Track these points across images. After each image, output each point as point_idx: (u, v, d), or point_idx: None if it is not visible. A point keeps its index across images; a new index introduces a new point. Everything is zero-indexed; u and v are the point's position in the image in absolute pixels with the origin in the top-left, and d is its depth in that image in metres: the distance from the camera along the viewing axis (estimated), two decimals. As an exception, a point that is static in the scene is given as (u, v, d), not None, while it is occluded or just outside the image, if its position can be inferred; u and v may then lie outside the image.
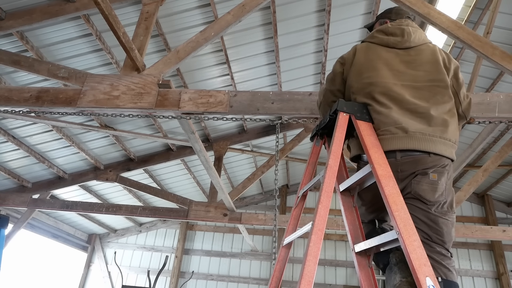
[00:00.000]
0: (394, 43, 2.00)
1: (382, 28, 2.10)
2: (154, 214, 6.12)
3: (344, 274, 8.44)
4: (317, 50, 5.15)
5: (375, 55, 1.97)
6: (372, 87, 1.85)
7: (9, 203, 6.02)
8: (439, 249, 1.60)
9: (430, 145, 1.70)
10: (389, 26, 2.08)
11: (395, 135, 1.72)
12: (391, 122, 1.74)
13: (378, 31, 2.09)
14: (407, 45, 1.99)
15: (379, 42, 2.03)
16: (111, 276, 8.92)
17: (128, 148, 6.10)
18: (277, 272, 1.80)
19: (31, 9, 3.64)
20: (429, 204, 1.64)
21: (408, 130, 1.71)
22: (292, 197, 9.44)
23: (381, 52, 1.98)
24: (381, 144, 1.72)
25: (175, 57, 3.08)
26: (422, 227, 1.62)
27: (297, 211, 1.98)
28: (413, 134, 1.71)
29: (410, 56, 1.96)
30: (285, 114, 2.72)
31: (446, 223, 1.65)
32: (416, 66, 1.92)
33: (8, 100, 3.02)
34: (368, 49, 2.02)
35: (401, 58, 1.96)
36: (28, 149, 5.40)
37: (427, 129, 1.73)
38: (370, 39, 2.08)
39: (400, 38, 2.00)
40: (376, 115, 1.79)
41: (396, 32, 2.03)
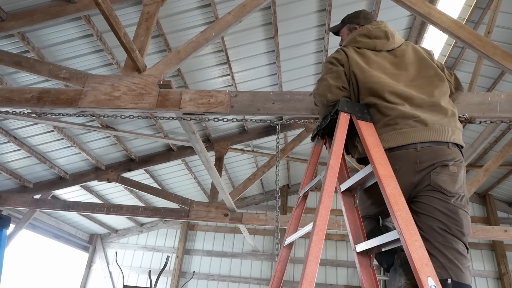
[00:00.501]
0: (381, 46, 2.03)
1: (364, 32, 2.09)
2: (155, 214, 6.12)
3: (345, 274, 8.44)
4: (318, 50, 5.15)
5: (368, 59, 1.98)
6: (380, 86, 1.84)
7: (10, 204, 6.03)
8: (456, 245, 1.55)
9: (449, 135, 1.72)
10: (371, 29, 2.08)
11: (415, 128, 1.72)
12: (409, 116, 1.75)
13: (361, 35, 2.08)
14: (392, 46, 2.04)
15: (365, 46, 2.03)
16: (112, 276, 8.93)
17: (129, 149, 6.10)
18: (278, 273, 1.80)
19: (32, 10, 3.64)
20: (449, 195, 1.62)
21: (428, 123, 1.72)
22: (293, 197, 9.43)
23: (371, 56, 2.00)
24: (401, 138, 1.71)
25: (175, 58, 3.08)
26: (441, 217, 1.59)
27: (298, 211, 1.99)
28: (433, 126, 1.72)
29: (396, 58, 2.01)
30: (286, 114, 2.72)
31: (465, 215, 1.62)
32: (405, 66, 1.96)
33: (9, 101, 3.02)
34: (357, 53, 2.01)
35: (389, 60, 1.99)
36: (29, 149, 5.41)
37: (443, 120, 1.76)
38: (355, 44, 2.07)
39: (386, 41, 2.03)
40: (390, 111, 1.78)
41: (380, 35, 2.05)
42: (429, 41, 5.12)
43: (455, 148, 1.73)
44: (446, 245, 1.54)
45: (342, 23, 2.37)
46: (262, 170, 6.06)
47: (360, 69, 1.93)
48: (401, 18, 4.89)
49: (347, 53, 2.01)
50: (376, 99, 1.84)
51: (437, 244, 1.54)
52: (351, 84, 1.95)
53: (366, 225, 1.88)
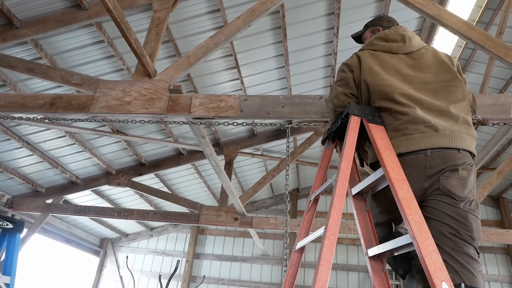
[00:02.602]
0: (397, 49, 2.01)
1: (381, 35, 2.09)
2: (165, 219, 6.15)
3: (356, 279, 8.35)
4: (327, 53, 5.15)
5: (382, 61, 1.97)
6: (390, 89, 1.83)
7: (23, 208, 6.12)
8: (466, 250, 1.53)
9: (459, 141, 1.70)
10: (388, 33, 2.08)
11: (425, 133, 1.70)
12: (420, 121, 1.73)
13: (378, 39, 2.08)
14: (409, 50, 2.01)
15: (381, 49, 2.03)
16: (123, 280, 8.97)
17: (140, 153, 6.15)
18: (290, 277, 1.79)
19: (45, 18, 3.71)
20: (458, 200, 1.60)
21: (438, 129, 1.70)
22: (303, 201, 9.39)
23: (386, 58, 1.98)
24: (411, 143, 1.70)
25: (185, 63, 3.10)
26: (450, 222, 1.57)
27: (309, 215, 1.97)
28: (443, 132, 1.70)
29: (414, 60, 1.98)
30: (295, 117, 2.71)
31: (475, 220, 1.60)
32: (422, 69, 1.93)
33: (23, 107, 3.08)
34: (372, 56, 2.01)
35: (406, 62, 1.97)
36: (42, 154, 5.49)
37: (453, 126, 1.73)
38: (371, 47, 2.07)
39: (402, 44, 2.02)
40: (401, 116, 1.76)
41: (396, 38, 2.04)
42: (439, 43, 5.08)
43: (465, 153, 1.70)
44: (457, 250, 1.52)
45: (365, 27, 2.38)
46: (272, 174, 6.05)
47: (372, 73, 1.92)
48: (410, 20, 4.86)
49: (361, 57, 2.02)
50: (387, 102, 1.82)
51: (448, 249, 1.52)
52: (360, 89, 1.95)
53: (378, 232, 1.86)
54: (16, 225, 4.49)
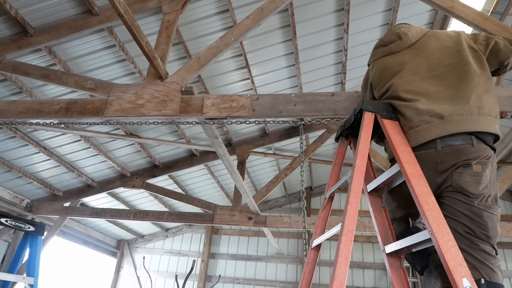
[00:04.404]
0: (396, 47, 2.03)
1: (378, 43, 2.16)
2: (180, 219, 6.20)
3: (372, 276, 8.29)
4: (337, 50, 5.11)
5: (386, 64, 2.02)
6: (394, 87, 1.86)
7: (42, 212, 6.25)
8: (483, 246, 1.50)
9: (470, 124, 1.62)
10: (384, 38, 2.14)
11: (431, 123, 1.67)
12: (424, 112, 1.70)
13: (376, 47, 2.16)
14: (408, 43, 2.02)
15: (382, 54, 2.09)
16: (140, 280, 9.08)
17: (153, 155, 6.22)
18: (307, 275, 1.79)
19: (58, 25, 3.77)
20: (472, 197, 1.56)
21: (444, 115, 1.66)
22: (316, 199, 9.35)
23: (389, 59, 2.03)
24: (418, 136, 1.67)
25: (196, 64, 3.12)
26: (464, 221, 1.54)
27: (325, 212, 1.97)
28: (450, 118, 1.65)
29: (417, 50, 1.98)
30: (308, 116, 2.70)
31: (491, 217, 1.55)
32: (427, 56, 1.92)
33: (39, 113, 3.14)
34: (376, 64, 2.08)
35: (410, 54, 1.98)
36: (58, 159, 5.59)
37: (463, 109, 1.66)
38: (374, 57, 2.15)
39: (399, 41, 2.04)
40: (405, 109, 1.76)
41: (393, 39, 2.08)
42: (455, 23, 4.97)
43: (481, 145, 1.63)
44: (473, 247, 1.50)
45: None
46: (285, 173, 6.04)
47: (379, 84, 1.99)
48: (422, 13, 4.79)
49: (369, 73, 2.12)
50: (392, 100, 1.84)
51: (464, 246, 1.49)
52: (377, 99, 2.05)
53: (395, 227, 1.84)
54: (37, 228, 4.65)
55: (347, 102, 2.64)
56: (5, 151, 5.21)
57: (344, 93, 2.71)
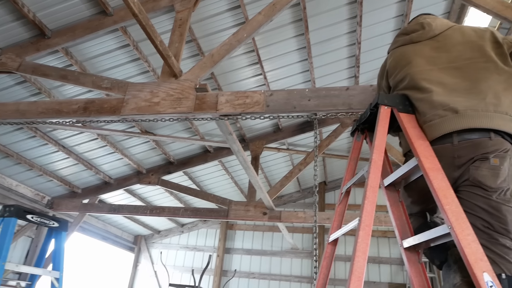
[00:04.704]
0: (418, 37, 2.00)
1: (401, 30, 2.13)
2: (196, 215, 6.28)
3: (388, 271, 8.24)
4: (350, 43, 5.06)
5: (405, 53, 1.99)
6: (410, 76, 1.84)
7: (62, 208, 6.41)
8: (502, 241, 1.48)
9: (485, 121, 1.60)
10: (407, 26, 2.11)
11: (445, 117, 1.64)
12: (438, 105, 1.68)
13: (399, 35, 2.13)
14: (431, 34, 1.98)
15: (403, 43, 2.06)
16: (157, 275, 9.24)
17: (168, 152, 6.29)
18: (324, 269, 1.80)
19: (74, 26, 3.84)
20: (490, 191, 1.53)
21: (458, 110, 1.63)
22: (331, 194, 9.33)
23: (409, 48, 2.00)
24: (432, 130, 1.65)
25: (210, 61, 3.14)
26: (483, 215, 1.51)
27: (341, 207, 1.98)
28: (464, 112, 1.62)
29: (438, 42, 1.94)
30: (322, 110, 2.70)
31: (510, 211, 1.52)
32: (448, 49, 1.88)
33: (59, 113, 3.22)
34: (395, 53, 2.06)
35: (430, 46, 1.94)
36: (76, 157, 5.71)
37: (479, 105, 1.63)
38: (394, 45, 2.12)
39: (422, 30, 2.01)
40: (419, 103, 1.74)
41: (416, 28, 2.04)
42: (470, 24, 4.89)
43: (498, 138, 1.60)
44: (492, 242, 1.47)
45: None
46: (299, 168, 6.04)
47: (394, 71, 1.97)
48: (438, 2, 4.70)
49: (386, 61, 2.10)
50: (408, 90, 1.83)
51: (483, 241, 1.46)
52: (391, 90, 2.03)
53: (413, 222, 1.83)
54: (61, 224, 4.85)
55: (362, 96, 2.63)
56: (26, 150, 5.36)
57: (358, 87, 2.69)
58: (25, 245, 6.34)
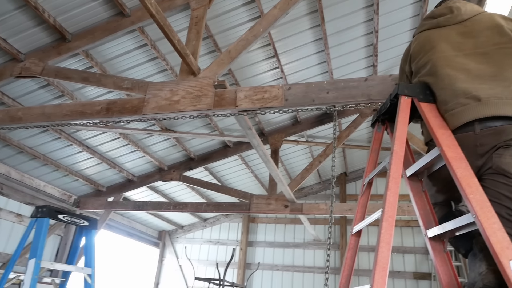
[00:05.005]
0: (446, 21, 1.95)
1: (429, 14, 2.07)
2: (218, 209, 6.37)
3: (413, 261, 8.15)
4: (368, 32, 4.99)
5: (430, 37, 1.94)
6: (432, 63, 1.81)
7: (88, 207, 6.62)
8: None
9: (509, 109, 1.57)
10: (435, 10, 2.05)
11: (467, 105, 1.62)
12: (460, 93, 1.65)
13: (426, 18, 2.07)
14: (459, 19, 1.93)
15: (429, 26, 2.01)
16: (182, 269, 9.43)
17: (188, 148, 6.39)
18: (349, 260, 1.82)
19: (93, 28, 3.94)
20: None
21: (481, 97, 1.60)
22: (351, 185, 9.27)
23: (435, 33, 1.95)
24: (454, 119, 1.63)
25: (227, 57, 3.17)
26: (507, 203, 1.49)
27: (364, 199, 1.98)
28: (487, 100, 1.59)
29: (466, 27, 1.89)
30: (341, 102, 2.69)
31: None
32: (475, 34, 1.84)
33: (83, 114, 3.32)
34: (420, 37, 2.02)
35: (457, 30, 1.90)
36: (100, 156, 5.88)
37: (503, 92, 1.61)
38: (420, 28, 2.07)
39: (450, 14, 1.96)
40: (441, 91, 1.71)
41: (444, 12, 1.99)
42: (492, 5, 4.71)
43: None
44: None
45: None
46: (319, 160, 6.02)
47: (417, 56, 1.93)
48: (456, -13, 4.57)
49: (411, 45, 2.06)
50: (430, 77, 1.80)
51: (508, 230, 1.43)
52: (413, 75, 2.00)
53: (437, 211, 1.82)
54: (91, 222, 5.03)
55: (381, 86, 2.60)
56: (52, 151, 5.54)
57: (377, 77, 2.67)
58: (55, 243, 6.58)
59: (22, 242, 4.41)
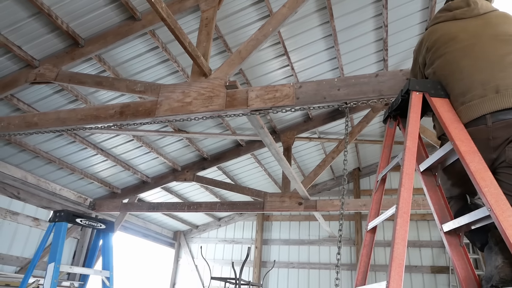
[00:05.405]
0: (462, 14, 1.94)
1: (444, 6, 2.05)
2: (232, 208, 6.41)
3: (430, 255, 8.08)
4: (377, 27, 4.96)
5: (447, 29, 1.92)
6: (450, 54, 1.79)
7: (104, 209, 6.74)
8: None
9: None
10: (451, 3, 2.03)
11: (485, 97, 1.61)
12: (478, 84, 1.64)
13: (441, 11, 2.05)
14: (475, 12, 1.92)
15: (445, 19, 1.99)
16: (198, 269, 9.52)
17: (201, 148, 6.44)
18: (365, 257, 1.83)
19: (105, 33, 4.00)
20: None
21: (499, 89, 1.59)
22: (365, 180, 9.22)
23: (451, 25, 1.93)
24: (471, 111, 1.62)
25: (238, 58, 3.20)
26: None
27: (378, 195, 1.98)
28: (506, 92, 1.58)
29: (483, 20, 1.89)
30: (352, 99, 2.69)
31: None
32: (493, 26, 1.83)
33: (97, 118, 3.39)
34: (435, 29, 1.99)
35: (474, 24, 1.88)
36: (114, 159, 5.98)
37: None
38: (435, 21, 2.05)
39: (467, 8, 1.94)
40: (459, 82, 1.71)
41: (460, 5, 1.98)
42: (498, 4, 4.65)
43: None
44: None
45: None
46: (332, 156, 6.01)
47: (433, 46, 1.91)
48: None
49: (424, 36, 2.04)
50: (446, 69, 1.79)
51: None
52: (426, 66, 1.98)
53: (453, 205, 1.82)
54: (108, 225, 5.10)
55: (392, 81, 2.59)
56: (67, 155, 5.66)
57: (388, 73, 2.66)
58: (72, 246, 6.70)
59: (41, 246, 4.49)
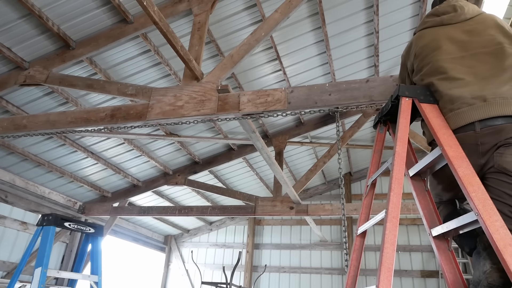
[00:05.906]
0: (449, 19, 1.97)
1: (432, 11, 2.08)
2: (224, 213, 6.39)
3: (420, 259, 8.13)
4: (368, 33, 5.01)
5: (434, 36, 1.94)
6: (439, 63, 1.82)
7: (94, 213, 6.67)
8: None
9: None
10: (438, 8, 2.06)
11: (473, 105, 1.64)
12: (466, 93, 1.68)
13: (428, 16, 2.08)
14: (462, 17, 1.96)
15: (432, 24, 2.02)
16: (189, 273, 9.45)
17: (193, 152, 6.42)
18: (354, 261, 1.83)
19: (96, 36, 3.98)
20: None
21: (487, 98, 1.63)
22: (356, 184, 9.27)
23: (439, 31, 1.96)
24: (459, 118, 1.65)
25: (230, 62, 3.20)
26: (510, 201, 1.51)
27: (368, 199, 2.00)
28: (493, 101, 1.62)
29: (470, 26, 1.92)
30: (343, 104, 2.71)
31: None
32: (479, 32, 1.87)
33: (87, 121, 3.36)
34: (423, 34, 2.02)
35: (462, 29, 1.92)
36: (105, 162, 5.92)
37: (508, 92, 1.63)
38: (423, 26, 2.08)
39: (454, 13, 1.98)
40: (447, 90, 1.73)
41: (447, 10, 2.01)
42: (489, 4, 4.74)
43: None
44: None
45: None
46: (323, 161, 6.04)
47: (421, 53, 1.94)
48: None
49: (413, 41, 2.06)
50: (436, 77, 1.81)
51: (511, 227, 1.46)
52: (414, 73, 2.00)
53: (442, 210, 1.84)
54: (97, 229, 5.03)
55: (383, 87, 2.62)
56: (56, 158, 5.60)
57: (379, 79, 2.69)
58: (61, 251, 6.60)
59: (28, 251, 4.40)
